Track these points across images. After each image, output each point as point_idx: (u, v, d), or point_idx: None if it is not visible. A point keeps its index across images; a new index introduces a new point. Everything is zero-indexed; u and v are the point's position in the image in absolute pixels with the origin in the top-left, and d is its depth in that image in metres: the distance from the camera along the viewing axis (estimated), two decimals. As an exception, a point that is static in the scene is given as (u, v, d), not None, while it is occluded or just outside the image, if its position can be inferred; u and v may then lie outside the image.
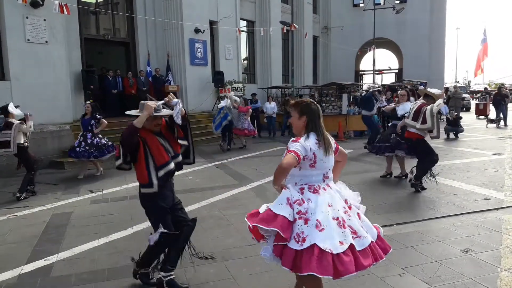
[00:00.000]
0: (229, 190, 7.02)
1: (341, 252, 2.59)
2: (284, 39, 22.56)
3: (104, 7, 14.73)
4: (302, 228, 2.66)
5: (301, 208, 2.71)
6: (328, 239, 2.61)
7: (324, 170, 2.84)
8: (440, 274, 3.64)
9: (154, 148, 3.38)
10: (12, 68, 10.05)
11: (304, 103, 2.89)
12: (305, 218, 2.69)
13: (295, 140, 2.79)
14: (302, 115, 2.85)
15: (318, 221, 2.66)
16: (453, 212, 5.45)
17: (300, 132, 2.87)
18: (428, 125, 6.36)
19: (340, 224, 2.71)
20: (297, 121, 2.87)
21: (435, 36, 27.99)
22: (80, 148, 8.27)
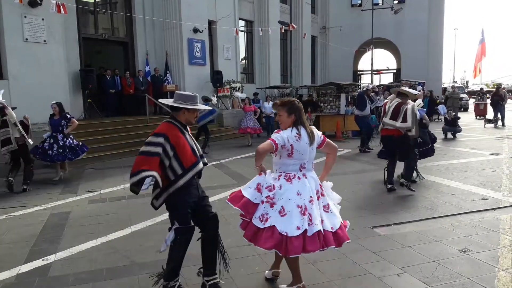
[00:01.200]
0: (227, 190, 7.00)
1: (294, 236, 3.04)
2: (282, 39, 22.57)
3: (103, 7, 14.71)
4: (267, 210, 3.14)
5: (270, 194, 3.16)
6: (287, 224, 3.06)
7: (301, 161, 3.23)
8: (438, 274, 3.64)
9: (181, 148, 3.23)
10: (10, 67, 10.03)
11: (290, 103, 3.28)
12: (271, 202, 3.15)
13: (277, 131, 3.24)
14: (290, 113, 3.23)
15: (282, 207, 3.11)
16: (451, 212, 5.46)
17: (288, 127, 3.24)
18: (408, 124, 6.37)
19: (301, 212, 3.12)
20: (286, 119, 3.24)
21: (433, 36, 28.04)
22: (53, 152, 7.91)
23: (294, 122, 3.22)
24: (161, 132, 3.16)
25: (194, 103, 3.31)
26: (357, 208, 5.78)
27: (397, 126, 6.46)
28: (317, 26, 27.93)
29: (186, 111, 3.28)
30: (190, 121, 3.36)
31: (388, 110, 6.62)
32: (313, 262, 3.92)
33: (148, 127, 12.82)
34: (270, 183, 3.22)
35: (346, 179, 7.60)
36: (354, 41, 27.80)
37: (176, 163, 3.20)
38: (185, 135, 3.31)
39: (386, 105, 6.80)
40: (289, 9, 18.69)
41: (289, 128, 3.22)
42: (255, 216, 3.15)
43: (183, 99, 3.28)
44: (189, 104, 3.27)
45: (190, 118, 3.34)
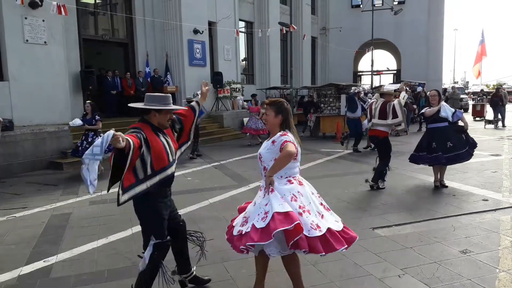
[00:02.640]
0: (228, 191, 7.03)
1: (343, 228, 3.09)
2: (282, 40, 22.60)
3: (103, 8, 14.73)
4: (310, 218, 2.96)
5: (299, 203, 2.99)
6: (330, 222, 3.05)
7: (299, 163, 3.20)
8: (438, 275, 3.65)
9: (154, 148, 3.00)
10: (11, 68, 10.05)
11: (279, 103, 3.19)
12: (306, 209, 2.99)
13: (283, 134, 3.07)
14: (278, 113, 3.13)
15: (317, 210, 3.06)
16: (451, 213, 5.46)
17: (275, 129, 3.15)
18: (400, 119, 6.49)
19: (325, 208, 3.17)
20: (273, 119, 3.14)
21: (433, 37, 28.07)
22: (82, 147, 8.26)
23: (281, 123, 3.13)
24: (134, 126, 3.01)
25: (165, 104, 3.09)
26: (358, 209, 5.79)
27: (389, 123, 6.59)
28: (317, 27, 27.96)
29: (157, 113, 3.06)
30: (163, 124, 3.13)
31: (375, 111, 6.72)
32: (314, 264, 3.92)
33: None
34: (289, 193, 3.02)
35: (347, 180, 7.61)
36: (354, 42, 27.82)
37: (148, 160, 2.95)
38: (160, 136, 3.09)
39: (372, 106, 6.90)
40: (289, 10, 18.72)
41: (286, 131, 3.11)
42: (307, 230, 2.88)
43: (153, 100, 3.07)
44: (159, 105, 3.05)
45: (162, 121, 3.11)
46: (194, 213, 5.80)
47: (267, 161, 3.12)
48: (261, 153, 3.17)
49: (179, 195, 6.91)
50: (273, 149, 3.07)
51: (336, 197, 6.32)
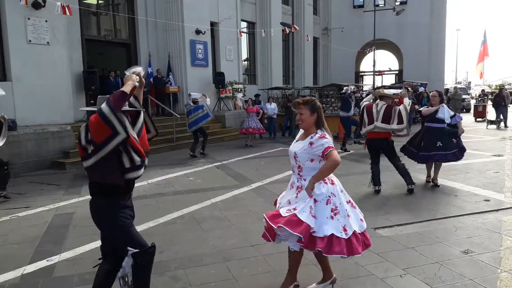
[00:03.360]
0: (230, 191, 7.04)
1: (365, 229, 3.25)
2: (284, 40, 22.61)
3: (105, 8, 14.77)
4: (340, 221, 3.08)
5: (331, 206, 3.10)
6: (355, 222, 3.17)
7: None
8: (440, 275, 3.66)
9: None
10: (14, 69, 10.08)
11: (313, 101, 3.24)
12: (337, 211, 3.10)
13: (322, 136, 3.14)
14: (313, 112, 3.19)
15: (346, 210, 3.14)
16: (453, 213, 5.47)
17: (310, 127, 3.21)
18: (404, 125, 6.38)
19: (353, 205, 3.26)
20: (310, 117, 3.19)
21: (435, 37, 28.03)
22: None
23: (316, 121, 3.20)
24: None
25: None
26: (360, 209, 5.78)
27: (393, 128, 6.42)
28: (319, 27, 27.95)
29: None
30: None
31: (377, 114, 6.49)
32: (315, 263, 3.92)
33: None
34: (324, 196, 3.11)
35: (349, 180, 7.60)
36: (356, 42, 27.80)
37: (133, 152, 2.75)
38: None
39: (373, 109, 6.56)
40: (291, 11, 18.71)
41: (323, 130, 3.20)
42: (340, 232, 3.03)
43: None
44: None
45: None
46: (196, 213, 5.82)
47: (303, 160, 3.18)
48: (297, 152, 3.21)
49: (181, 195, 6.94)
50: (310, 150, 3.13)
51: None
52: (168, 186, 7.64)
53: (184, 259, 4.20)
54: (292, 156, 3.27)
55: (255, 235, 4.81)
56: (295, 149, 3.24)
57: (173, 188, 7.47)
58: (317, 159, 3.14)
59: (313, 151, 3.12)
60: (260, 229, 5.06)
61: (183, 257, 4.26)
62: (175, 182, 7.93)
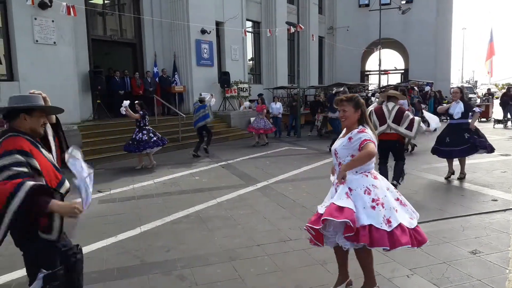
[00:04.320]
0: (235, 190, 7.04)
1: (416, 226, 3.10)
2: (290, 40, 22.57)
3: (111, 8, 14.83)
4: (383, 212, 2.97)
5: (372, 196, 3.00)
6: (403, 218, 3.05)
7: (374, 158, 3.15)
8: (448, 275, 3.63)
9: (43, 168, 2.41)
10: (21, 68, 10.15)
11: (357, 98, 3.19)
12: (380, 203, 2.99)
13: (361, 131, 3.07)
14: (357, 108, 3.13)
15: (391, 204, 3.04)
16: (460, 213, 5.43)
17: (353, 124, 3.15)
18: (411, 134, 6.33)
19: (402, 203, 3.16)
20: (354, 114, 3.14)
21: (441, 36, 27.86)
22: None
23: (360, 118, 3.15)
24: (9, 149, 2.27)
25: (36, 103, 2.47)
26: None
27: (401, 131, 6.32)
28: (324, 26, 27.88)
29: (27, 115, 2.42)
30: (36, 131, 2.49)
31: (390, 113, 6.40)
32: (322, 263, 3.92)
33: (156, 128, 12.89)
34: (361, 186, 3.04)
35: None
36: (362, 41, 27.72)
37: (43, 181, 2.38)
38: (39, 148, 2.48)
39: (384, 110, 6.44)
40: (296, 10, 18.65)
41: (364, 125, 3.14)
42: (380, 222, 2.92)
43: (19, 100, 2.45)
44: (29, 104, 2.45)
45: (35, 126, 2.47)
46: (202, 212, 5.82)
47: (343, 157, 3.14)
48: (337, 149, 3.18)
49: (187, 194, 6.95)
50: (350, 145, 3.08)
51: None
52: (174, 185, 7.65)
53: (191, 258, 4.21)
54: (333, 153, 3.24)
55: (260, 235, 4.81)
56: (336, 146, 3.22)
57: (179, 187, 7.49)
58: (357, 154, 3.06)
59: (352, 146, 3.07)
60: (266, 228, 5.07)
61: (190, 256, 4.27)
62: (181, 181, 7.94)
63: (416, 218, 3.18)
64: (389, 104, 6.50)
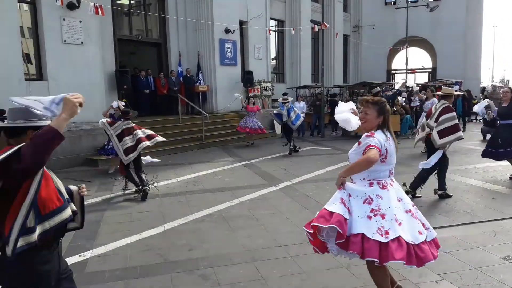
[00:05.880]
0: (258, 190, 7.00)
1: (421, 242, 2.85)
2: (314, 38, 22.36)
3: (137, 8, 15.03)
4: (381, 223, 2.82)
5: (372, 206, 2.88)
6: (408, 232, 2.84)
7: (391, 166, 3.04)
8: (479, 282, 3.48)
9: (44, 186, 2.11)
10: (50, 68, 10.39)
11: (382, 103, 3.05)
12: (380, 214, 2.85)
13: (369, 135, 2.94)
14: (380, 114, 3.01)
15: (395, 216, 2.85)
16: (492, 217, 5.22)
17: (372, 128, 3.02)
18: (439, 142, 5.79)
19: (414, 216, 2.97)
20: (375, 119, 3.01)
21: (471, 34, 27.03)
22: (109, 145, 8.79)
23: (381, 124, 3.01)
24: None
25: (40, 119, 2.16)
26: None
27: (432, 133, 5.90)
28: (349, 24, 27.51)
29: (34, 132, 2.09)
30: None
31: (435, 112, 6.01)
32: (347, 266, 3.83)
33: (180, 127, 13.01)
34: (362, 195, 2.92)
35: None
36: (388, 40, 27.19)
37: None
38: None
39: (432, 110, 6.13)
40: (321, 8, 18.45)
41: (378, 131, 2.99)
42: (372, 232, 2.79)
43: (27, 115, 2.14)
44: (37, 120, 2.15)
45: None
46: (224, 212, 5.81)
47: (352, 161, 3.05)
48: (349, 153, 3.11)
49: (210, 193, 6.96)
50: (358, 150, 3.00)
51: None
52: (197, 184, 7.68)
53: (213, 257, 4.19)
54: (348, 158, 3.17)
55: (283, 235, 4.75)
56: (350, 151, 3.13)
57: (202, 186, 7.51)
58: None
59: (359, 151, 2.97)
60: (288, 229, 5.01)
61: (212, 255, 4.25)
62: (204, 180, 7.96)
63: (425, 234, 2.95)
64: (438, 103, 6.15)
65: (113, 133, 6.77)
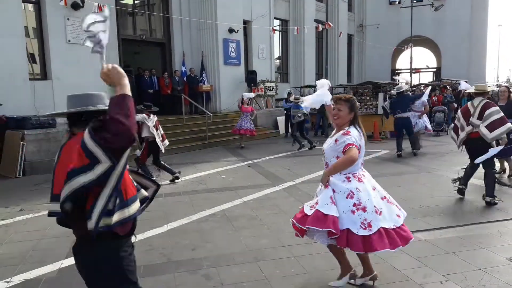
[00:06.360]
0: (261, 190, 6.99)
1: (401, 224, 3.21)
2: (318, 38, 22.33)
3: (141, 8, 15.06)
4: (363, 216, 3.07)
5: (354, 201, 3.11)
6: (389, 218, 3.14)
7: (361, 158, 3.32)
8: (484, 283, 3.45)
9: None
10: (54, 68, 10.45)
11: (354, 100, 3.33)
12: (361, 207, 3.09)
13: (345, 133, 3.17)
14: (351, 111, 3.27)
15: (375, 207, 3.12)
16: (497, 218, 5.18)
17: (344, 124, 3.27)
18: (490, 136, 5.53)
19: (389, 202, 3.26)
20: (347, 115, 3.27)
21: (476, 34, 26.90)
22: None
23: (352, 119, 3.27)
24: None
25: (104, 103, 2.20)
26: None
27: (481, 130, 5.63)
28: (353, 24, 27.45)
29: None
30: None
31: (475, 110, 5.75)
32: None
33: (183, 127, 13.02)
34: (346, 190, 3.15)
35: (383, 181, 7.35)
36: (392, 39, 27.13)
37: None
38: None
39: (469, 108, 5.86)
40: (325, 7, 18.47)
41: (351, 127, 3.25)
42: (356, 228, 3.06)
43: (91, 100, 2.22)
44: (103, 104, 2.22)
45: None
46: (228, 211, 5.80)
47: (329, 157, 3.28)
48: (325, 149, 3.34)
49: (214, 193, 6.95)
50: (335, 147, 3.20)
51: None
52: (200, 183, 7.68)
53: (216, 257, 4.18)
54: (323, 153, 3.40)
55: (287, 235, 4.73)
56: (324, 146, 3.37)
57: (205, 185, 7.50)
58: (341, 156, 3.16)
59: (337, 148, 3.18)
60: (292, 229, 4.97)
61: (215, 255, 4.24)
62: (207, 180, 7.96)
63: (402, 215, 3.29)
64: (475, 100, 5.89)
65: (151, 124, 7.42)
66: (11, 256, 4.37)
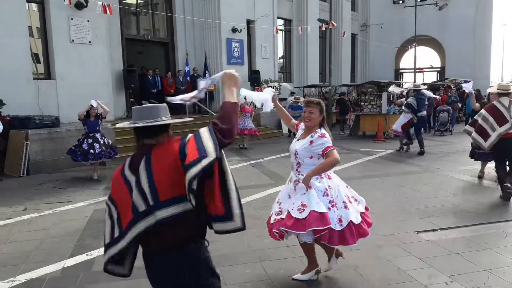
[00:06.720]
0: (264, 190, 6.97)
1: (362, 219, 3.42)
2: (321, 37, 22.28)
3: (144, 8, 15.08)
4: (337, 212, 3.29)
5: (329, 198, 3.32)
6: (354, 213, 3.35)
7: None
8: (490, 284, 3.42)
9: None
10: (58, 68, 10.46)
11: (323, 104, 3.55)
12: (334, 203, 3.31)
13: (322, 135, 3.37)
14: (322, 113, 3.48)
15: (344, 202, 3.34)
16: (503, 218, 5.14)
17: (315, 126, 3.45)
18: None
19: (356, 200, 3.53)
20: (318, 117, 3.46)
21: (480, 33, 26.74)
22: (95, 150, 7.96)
23: (322, 121, 3.48)
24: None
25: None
26: (401, 211, 5.56)
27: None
28: (357, 23, 27.37)
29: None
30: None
31: (509, 110, 5.72)
32: (355, 267, 3.78)
33: (187, 126, 13.00)
34: (322, 188, 3.34)
35: (388, 181, 7.35)
36: (396, 39, 27.01)
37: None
38: None
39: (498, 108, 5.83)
40: (328, 7, 18.40)
41: (321, 128, 3.45)
42: (333, 224, 3.24)
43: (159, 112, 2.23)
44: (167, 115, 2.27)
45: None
46: (231, 211, 5.78)
47: (303, 157, 3.42)
48: (297, 150, 3.44)
49: (217, 193, 6.93)
50: (310, 148, 3.36)
51: (377, 199, 6.10)
52: (203, 183, 7.65)
53: (220, 257, 4.16)
54: (293, 153, 3.50)
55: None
56: (296, 147, 3.47)
57: (209, 185, 7.48)
58: (316, 156, 3.37)
59: (313, 149, 3.35)
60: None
61: (219, 255, 4.21)
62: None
63: (362, 202, 3.57)
64: (503, 100, 5.85)
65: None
66: (14, 255, 4.38)
